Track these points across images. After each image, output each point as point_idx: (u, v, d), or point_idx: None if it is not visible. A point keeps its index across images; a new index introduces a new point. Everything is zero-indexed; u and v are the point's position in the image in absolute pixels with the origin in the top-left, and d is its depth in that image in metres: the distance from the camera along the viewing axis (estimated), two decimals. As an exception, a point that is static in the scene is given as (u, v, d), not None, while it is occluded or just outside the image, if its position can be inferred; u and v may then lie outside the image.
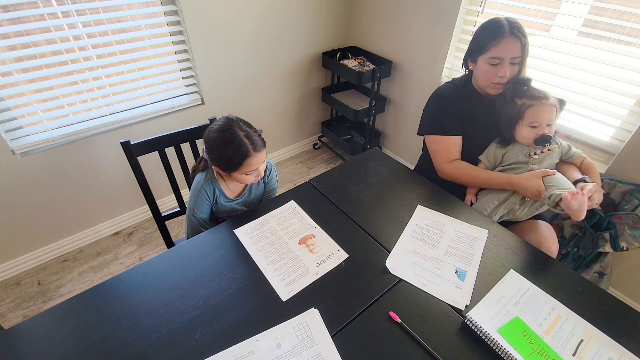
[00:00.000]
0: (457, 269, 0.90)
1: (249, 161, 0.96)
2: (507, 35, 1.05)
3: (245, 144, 0.94)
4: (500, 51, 1.06)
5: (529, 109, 1.07)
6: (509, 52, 1.06)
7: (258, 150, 0.97)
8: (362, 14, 2.22)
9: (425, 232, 1.01)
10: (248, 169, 0.98)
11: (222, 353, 0.72)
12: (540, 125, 1.07)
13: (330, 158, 2.63)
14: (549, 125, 1.07)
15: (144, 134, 1.28)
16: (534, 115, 1.07)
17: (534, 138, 1.08)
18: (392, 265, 0.90)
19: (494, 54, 1.07)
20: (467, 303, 0.82)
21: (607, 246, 1.38)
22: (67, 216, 1.78)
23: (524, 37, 1.05)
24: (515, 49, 1.06)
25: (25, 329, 0.76)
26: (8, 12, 1.29)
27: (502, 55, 1.07)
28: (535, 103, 1.06)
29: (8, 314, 1.58)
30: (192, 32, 1.69)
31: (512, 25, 1.05)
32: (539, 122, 1.06)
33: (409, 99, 2.20)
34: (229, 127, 0.96)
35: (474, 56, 1.14)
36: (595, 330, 0.76)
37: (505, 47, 1.06)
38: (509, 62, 1.07)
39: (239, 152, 0.94)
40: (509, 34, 1.04)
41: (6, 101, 1.43)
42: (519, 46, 1.05)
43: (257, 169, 1.01)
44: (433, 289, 0.85)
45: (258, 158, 0.98)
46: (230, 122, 0.97)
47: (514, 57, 1.06)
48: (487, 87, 1.15)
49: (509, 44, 1.05)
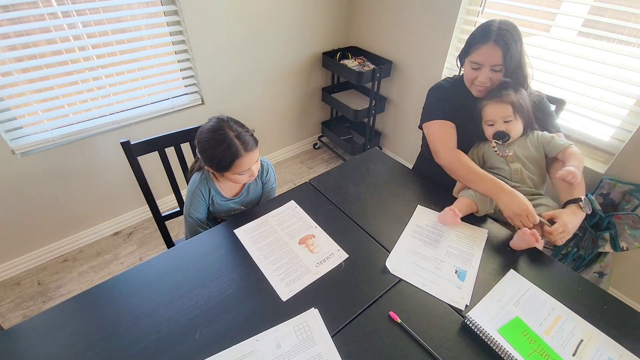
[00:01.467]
0: (457, 269, 0.90)
1: (240, 161, 0.95)
2: (489, 42, 1.02)
3: (235, 144, 0.93)
4: (480, 57, 1.05)
5: (485, 107, 1.09)
6: (489, 59, 1.04)
7: (249, 151, 0.96)
8: (362, 14, 2.22)
9: (425, 232, 1.01)
10: (240, 169, 0.97)
11: (222, 353, 0.71)
12: (495, 123, 1.08)
13: (330, 158, 2.63)
14: (507, 122, 1.06)
15: (144, 134, 1.28)
16: (488, 114, 1.08)
17: (491, 136, 1.10)
18: (392, 265, 0.90)
19: (474, 58, 1.07)
20: (467, 303, 0.82)
21: (607, 246, 1.38)
22: (67, 216, 1.78)
23: (507, 45, 1.00)
24: (495, 57, 1.02)
25: (25, 329, 0.76)
26: (8, 12, 1.29)
27: (482, 61, 1.05)
28: (489, 102, 1.08)
29: (8, 314, 1.57)
30: (192, 32, 1.69)
31: (500, 31, 1.01)
32: (493, 119, 1.08)
33: (409, 99, 2.20)
34: (219, 128, 0.95)
35: (461, 57, 1.15)
36: (595, 330, 0.76)
37: (485, 53, 1.03)
38: (489, 68, 1.05)
39: (229, 152, 0.93)
40: (492, 41, 1.01)
41: (6, 101, 1.43)
42: (500, 54, 1.01)
43: (250, 169, 0.99)
44: (433, 289, 0.85)
45: (249, 158, 0.97)
46: (221, 123, 0.96)
47: (493, 64, 1.04)
48: (470, 88, 1.16)
49: (489, 50, 1.02)
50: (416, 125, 1.32)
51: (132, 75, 1.66)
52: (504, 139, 1.08)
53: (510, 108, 1.05)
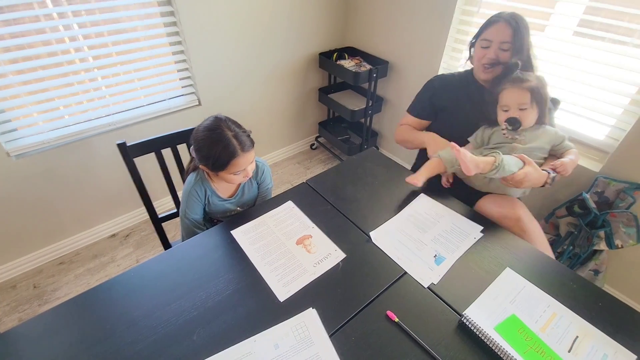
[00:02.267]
0: (437, 254, 0.93)
1: (236, 161, 0.95)
2: (500, 21, 1.10)
3: (232, 144, 0.93)
4: (490, 33, 1.12)
5: (502, 92, 1.09)
6: (499, 35, 1.10)
7: (246, 151, 0.96)
8: (358, 14, 2.23)
9: (421, 217, 1.05)
10: (235, 169, 0.97)
11: (219, 354, 0.71)
12: (510, 109, 1.07)
13: (328, 158, 2.63)
14: (522, 109, 1.06)
15: (140, 136, 1.28)
16: (505, 98, 1.08)
17: (503, 121, 1.09)
18: (375, 236, 0.96)
19: (485, 36, 1.13)
20: (435, 282, 0.85)
21: (603, 244, 1.39)
22: (63, 218, 1.77)
23: (517, 25, 1.07)
24: (505, 34, 1.09)
25: (21, 333, 0.76)
26: (3, 13, 1.28)
27: (492, 38, 1.11)
28: (507, 87, 1.07)
29: (4, 318, 1.56)
30: (189, 34, 1.69)
31: (511, 14, 1.09)
32: (509, 105, 1.07)
33: (405, 99, 2.20)
34: (217, 127, 0.95)
35: (473, 43, 1.20)
36: (590, 327, 0.77)
37: (495, 30, 1.10)
38: (499, 46, 1.11)
39: (226, 151, 0.93)
40: (503, 19, 1.09)
41: (1, 103, 1.42)
42: (510, 32, 1.08)
43: (245, 169, 0.99)
44: (405, 264, 0.90)
45: (246, 159, 0.97)
46: (218, 122, 0.96)
47: (503, 41, 1.10)
48: (478, 70, 1.20)
49: (499, 27, 1.10)
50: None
51: (128, 77, 1.65)
52: (515, 126, 1.07)
53: (529, 95, 1.04)
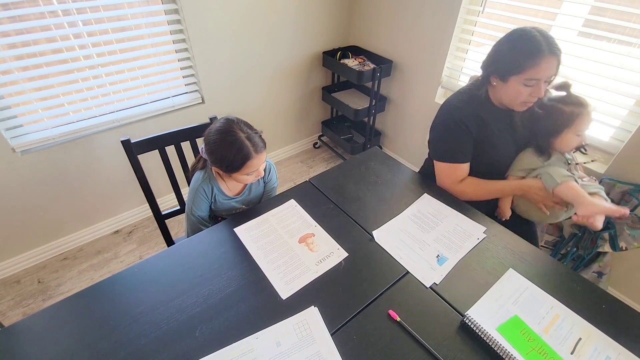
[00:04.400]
0: (440, 254, 0.93)
1: (251, 163, 0.96)
2: (547, 55, 0.93)
3: (246, 145, 0.94)
4: (540, 72, 0.95)
5: (579, 117, 1.02)
6: (548, 72, 0.96)
7: (259, 152, 0.97)
8: (362, 13, 2.22)
9: (424, 217, 1.05)
10: (249, 170, 0.98)
11: (222, 351, 0.72)
12: (582, 133, 1.05)
13: (331, 157, 2.63)
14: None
15: (144, 133, 1.28)
16: (582, 123, 1.03)
17: (576, 146, 1.07)
18: (378, 235, 0.95)
19: (532, 75, 0.96)
20: (437, 282, 0.85)
21: (607, 246, 1.38)
22: (67, 214, 1.79)
23: (560, 52, 0.95)
24: (553, 68, 0.96)
25: (25, 327, 0.76)
26: (8, 10, 1.29)
27: (541, 77, 0.96)
28: (583, 111, 1.02)
29: (8, 312, 1.58)
30: (193, 31, 1.69)
31: (548, 40, 0.94)
32: (582, 130, 1.04)
33: (409, 98, 2.20)
34: (230, 129, 0.95)
35: (504, 75, 1.01)
36: (593, 329, 0.76)
37: (545, 67, 0.95)
38: (545, 81, 0.98)
39: (240, 154, 0.94)
40: (548, 52, 0.93)
41: (6, 99, 1.43)
42: (555, 64, 0.96)
43: (258, 169, 1.01)
44: (407, 263, 0.90)
45: (259, 159, 0.98)
46: (231, 124, 0.96)
47: (551, 75, 0.97)
48: (514, 105, 1.06)
49: (548, 63, 0.94)
50: (416, 125, 1.32)
51: (132, 74, 1.66)
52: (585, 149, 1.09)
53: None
